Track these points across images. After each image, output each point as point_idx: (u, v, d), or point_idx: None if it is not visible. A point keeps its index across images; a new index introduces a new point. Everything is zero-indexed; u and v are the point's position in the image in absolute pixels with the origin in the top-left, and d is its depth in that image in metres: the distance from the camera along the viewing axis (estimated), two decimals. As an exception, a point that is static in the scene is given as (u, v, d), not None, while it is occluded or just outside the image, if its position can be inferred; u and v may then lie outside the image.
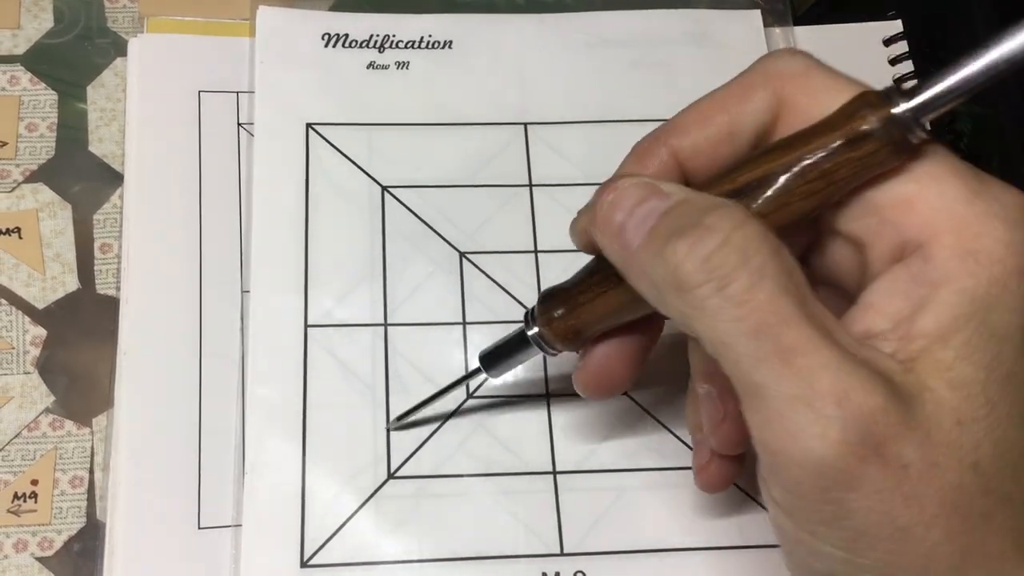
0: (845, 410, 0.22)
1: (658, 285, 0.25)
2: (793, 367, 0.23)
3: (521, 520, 0.35)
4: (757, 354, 0.23)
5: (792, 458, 0.23)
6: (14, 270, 0.39)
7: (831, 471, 0.22)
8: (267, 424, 0.36)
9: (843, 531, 0.23)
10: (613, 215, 0.26)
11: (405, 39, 0.43)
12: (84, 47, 0.43)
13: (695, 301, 0.24)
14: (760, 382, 0.23)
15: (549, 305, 0.31)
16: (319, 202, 0.40)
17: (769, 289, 0.23)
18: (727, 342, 0.23)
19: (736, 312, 0.23)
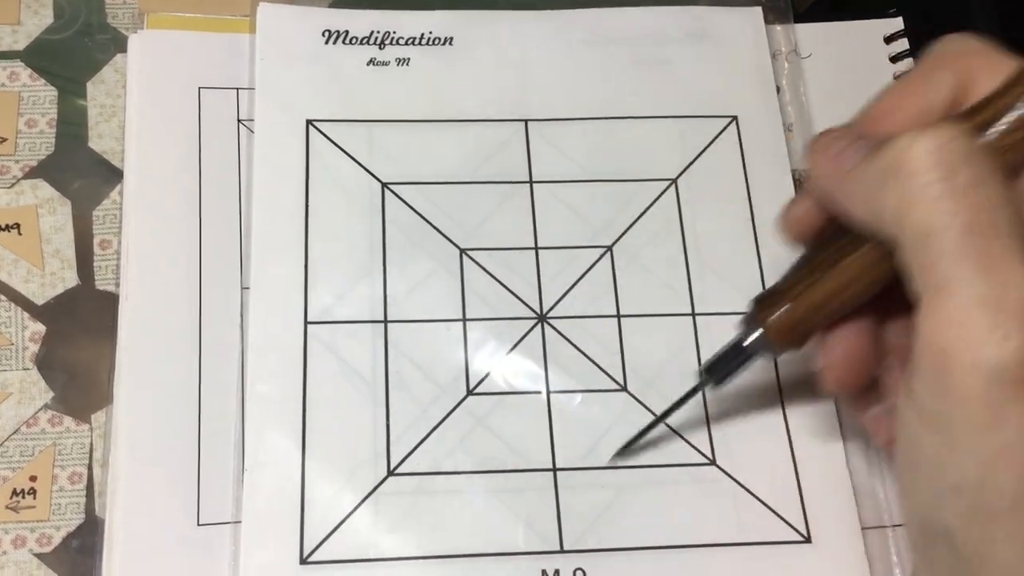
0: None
1: (879, 183, 0.25)
2: (993, 271, 0.23)
3: (521, 517, 0.35)
4: (962, 250, 0.23)
5: (964, 359, 0.23)
6: (13, 266, 0.39)
7: (1003, 376, 0.23)
8: (267, 421, 0.36)
9: (990, 443, 0.23)
10: (832, 144, 0.28)
11: (406, 36, 0.43)
12: (84, 43, 0.43)
13: (917, 187, 0.24)
14: (954, 278, 0.24)
15: (766, 304, 0.31)
16: (319, 199, 0.40)
17: (989, 193, 0.24)
18: (936, 233, 0.24)
19: (955, 205, 0.24)
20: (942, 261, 0.24)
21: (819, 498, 0.36)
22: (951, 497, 0.25)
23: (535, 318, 0.39)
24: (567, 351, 0.38)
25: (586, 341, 0.38)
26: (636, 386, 0.38)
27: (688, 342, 0.39)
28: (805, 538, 0.36)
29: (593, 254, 0.40)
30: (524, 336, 0.38)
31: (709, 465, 0.37)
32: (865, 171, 0.26)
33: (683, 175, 0.41)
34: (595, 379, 0.38)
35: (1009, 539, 0.24)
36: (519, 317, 0.39)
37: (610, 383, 0.38)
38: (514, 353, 0.38)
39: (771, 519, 0.36)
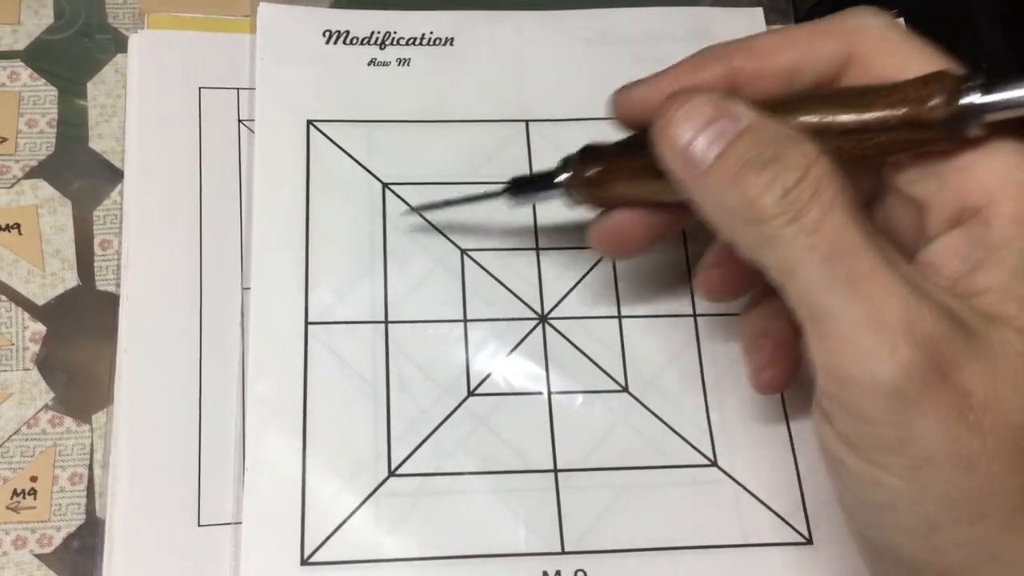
0: (913, 334, 0.23)
1: (730, 213, 0.25)
2: (862, 292, 0.23)
3: (522, 518, 0.35)
4: (827, 280, 0.24)
5: (859, 382, 0.23)
6: (14, 266, 0.39)
7: (899, 392, 0.23)
8: (267, 421, 0.36)
9: (908, 458, 0.23)
10: (681, 131, 0.26)
11: (406, 36, 0.43)
12: (84, 43, 0.43)
13: (769, 231, 0.24)
14: (829, 307, 0.24)
15: (586, 161, 0.32)
16: (320, 199, 0.40)
17: (839, 219, 0.24)
18: (798, 270, 0.24)
19: (809, 240, 0.24)
20: (812, 294, 0.24)
21: (821, 500, 0.36)
22: (889, 515, 0.25)
23: (536, 319, 0.39)
24: (568, 352, 0.38)
25: (587, 342, 0.38)
26: (637, 387, 0.38)
27: (689, 343, 0.39)
28: (807, 540, 0.36)
29: (594, 254, 0.40)
30: (525, 337, 0.38)
31: (710, 466, 0.37)
32: (720, 192, 0.26)
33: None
34: (596, 380, 0.38)
35: (956, 546, 0.24)
36: (520, 318, 0.39)
37: (611, 384, 0.38)
38: (515, 354, 0.38)
39: (772, 520, 0.36)
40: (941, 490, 0.23)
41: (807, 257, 0.24)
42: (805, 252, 0.24)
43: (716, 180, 0.26)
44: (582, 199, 0.33)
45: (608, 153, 0.32)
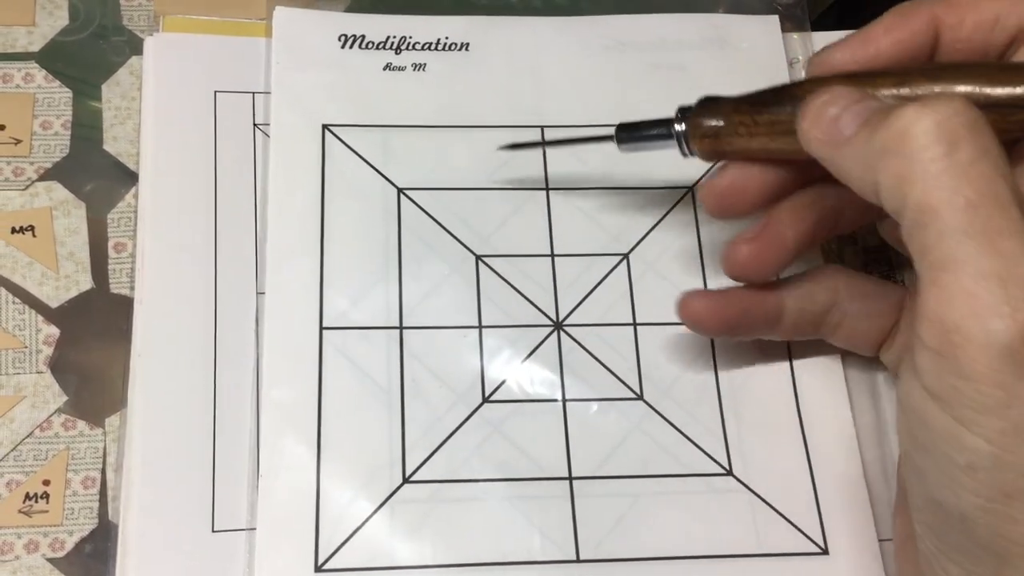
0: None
1: (876, 153, 0.25)
2: (998, 246, 0.23)
3: (537, 526, 0.35)
4: (966, 226, 0.23)
5: (972, 335, 0.23)
6: (28, 268, 0.39)
7: (1012, 352, 0.23)
8: (282, 427, 0.36)
9: (1002, 420, 0.23)
10: (827, 109, 0.27)
11: (422, 41, 0.43)
12: (99, 45, 0.43)
13: (918, 165, 0.24)
14: (958, 255, 0.23)
15: (706, 113, 0.32)
16: (335, 204, 0.40)
17: (990, 169, 0.24)
18: (938, 209, 0.24)
19: (956, 182, 0.23)
20: (945, 239, 0.24)
21: (836, 509, 0.36)
22: (965, 478, 0.24)
23: (551, 326, 0.38)
24: (583, 359, 0.38)
25: (602, 349, 0.38)
26: (652, 395, 0.38)
27: (704, 351, 0.38)
28: (822, 550, 0.36)
29: (609, 262, 0.40)
30: (540, 344, 0.38)
31: (726, 475, 0.36)
32: (865, 143, 0.26)
33: (700, 183, 0.41)
34: (611, 387, 0.38)
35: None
36: (535, 324, 0.38)
37: (626, 391, 0.38)
38: (530, 361, 0.38)
39: (788, 530, 0.36)
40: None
41: (952, 199, 0.23)
42: (951, 193, 0.23)
43: (863, 133, 0.26)
44: (697, 150, 0.33)
45: (729, 106, 0.32)
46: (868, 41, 0.32)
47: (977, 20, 0.30)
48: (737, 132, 0.32)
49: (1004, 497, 0.24)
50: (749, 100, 0.32)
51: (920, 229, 0.24)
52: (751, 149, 0.32)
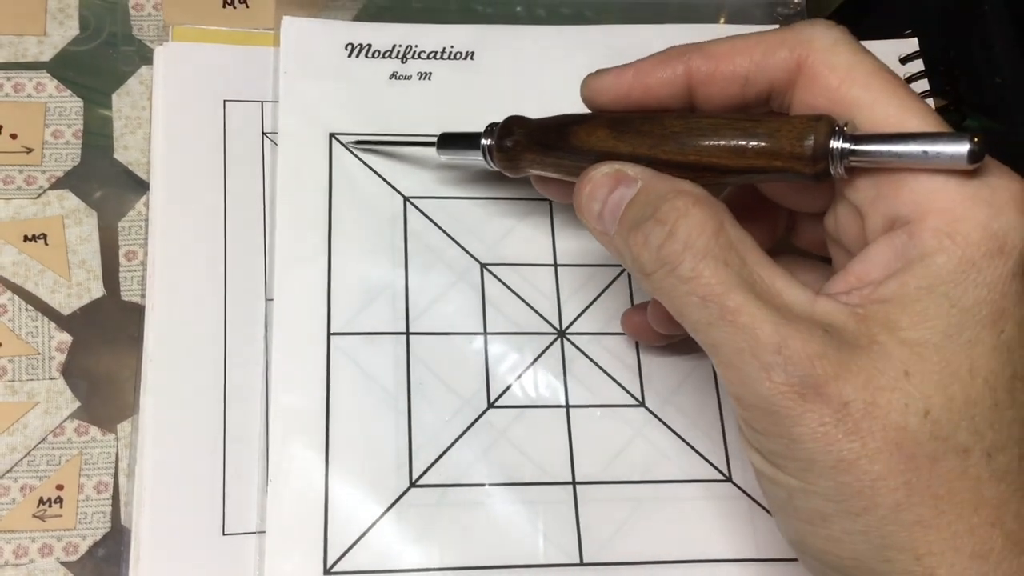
0: (784, 356, 0.26)
1: (631, 270, 0.30)
2: (737, 325, 0.26)
3: (541, 530, 0.36)
4: (707, 318, 0.27)
5: (747, 401, 0.27)
6: (40, 276, 0.40)
7: (777, 409, 0.26)
8: (291, 431, 0.36)
9: (796, 461, 0.26)
10: (592, 205, 0.31)
11: (427, 50, 0.44)
12: (109, 55, 0.43)
13: (655, 282, 0.28)
14: (714, 341, 0.27)
15: (506, 137, 0.36)
16: (342, 211, 0.40)
17: (711, 266, 0.27)
18: (683, 312, 0.28)
19: (686, 287, 0.27)
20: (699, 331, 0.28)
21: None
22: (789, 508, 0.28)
23: (555, 334, 0.39)
24: (586, 366, 0.39)
25: (605, 357, 0.39)
26: (654, 402, 0.38)
27: (704, 359, 0.39)
28: (820, 553, 0.36)
29: (612, 271, 0.40)
30: (544, 351, 0.39)
31: (725, 481, 0.37)
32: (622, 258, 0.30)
33: None
34: (614, 394, 0.38)
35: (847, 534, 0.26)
36: (539, 332, 0.39)
37: (628, 398, 0.38)
38: (534, 367, 0.39)
39: (786, 534, 0.37)
40: (826, 487, 0.26)
41: (688, 301, 0.27)
42: (686, 297, 0.27)
43: (618, 241, 0.30)
44: (498, 164, 0.36)
45: (523, 136, 0.35)
46: (631, 72, 0.33)
47: (728, 76, 0.31)
48: (530, 162, 0.35)
49: (822, 521, 0.27)
50: (538, 136, 0.35)
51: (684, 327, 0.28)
52: (541, 169, 0.35)
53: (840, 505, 0.26)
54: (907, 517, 0.25)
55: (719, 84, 0.31)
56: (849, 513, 0.26)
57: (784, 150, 0.28)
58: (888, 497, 0.25)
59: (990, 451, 0.25)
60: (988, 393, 0.25)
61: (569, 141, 0.33)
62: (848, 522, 0.26)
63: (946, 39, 0.46)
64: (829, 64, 0.29)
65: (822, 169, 0.28)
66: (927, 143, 0.26)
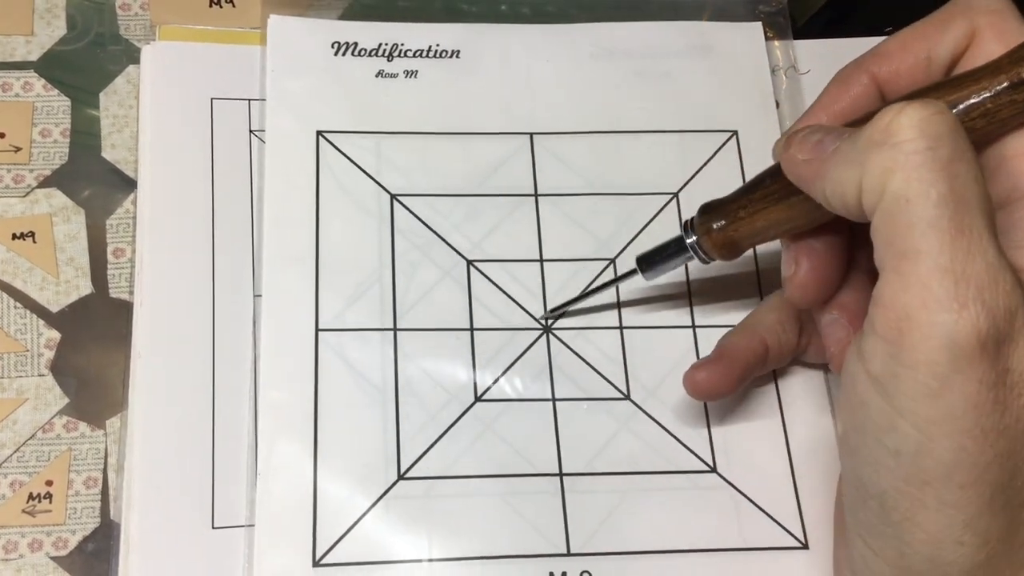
0: (987, 297, 0.24)
1: (861, 151, 0.26)
2: (959, 243, 0.24)
3: (528, 521, 0.36)
4: (934, 220, 0.24)
5: (920, 325, 0.24)
6: (28, 274, 0.40)
7: (953, 346, 0.24)
8: (279, 426, 0.37)
9: (931, 410, 0.25)
10: (811, 135, 0.29)
11: (413, 48, 0.44)
12: (97, 54, 0.44)
13: (902, 155, 0.25)
14: (922, 246, 0.24)
15: (709, 216, 0.34)
16: (329, 208, 0.40)
17: (966, 168, 0.25)
18: (912, 200, 0.25)
19: (934, 175, 0.24)
20: (912, 229, 0.25)
21: (816, 506, 0.37)
22: (890, 460, 0.26)
23: (540, 329, 0.40)
24: (572, 360, 0.39)
25: (590, 351, 0.39)
26: (639, 395, 0.39)
27: (688, 353, 0.40)
28: (803, 544, 0.37)
29: (596, 266, 0.41)
30: (530, 346, 0.39)
31: (710, 472, 0.38)
32: (850, 147, 0.27)
33: (684, 189, 0.42)
34: (599, 388, 0.39)
35: (938, 507, 0.25)
36: (525, 328, 0.40)
37: (614, 392, 0.39)
38: (520, 362, 0.39)
39: (770, 525, 0.37)
40: (947, 448, 0.25)
41: (926, 191, 0.24)
42: (925, 185, 0.25)
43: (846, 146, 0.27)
44: (716, 253, 0.35)
45: (727, 202, 0.34)
46: (820, 108, 0.33)
47: (911, 64, 0.32)
48: (739, 216, 0.33)
49: (921, 483, 0.25)
50: (741, 190, 0.34)
51: (890, 219, 0.25)
52: (757, 229, 0.33)
53: (949, 471, 0.25)
54: (999, 501, 0.25)
55: (905, 77, 0.32)
56: (954, 484, 0.25)
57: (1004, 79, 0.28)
58: (996, 477, 0.25)
59: None
60: None
61: (772, 170, 0.32)
62: (947, 491, 0.25)
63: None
64: (997, 29, 0.30)
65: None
66: None
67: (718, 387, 0.36)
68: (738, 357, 0.35)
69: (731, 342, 0.36)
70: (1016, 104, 0.28)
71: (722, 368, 0.35)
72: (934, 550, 0.26)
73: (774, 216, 0.32)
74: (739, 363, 0.33)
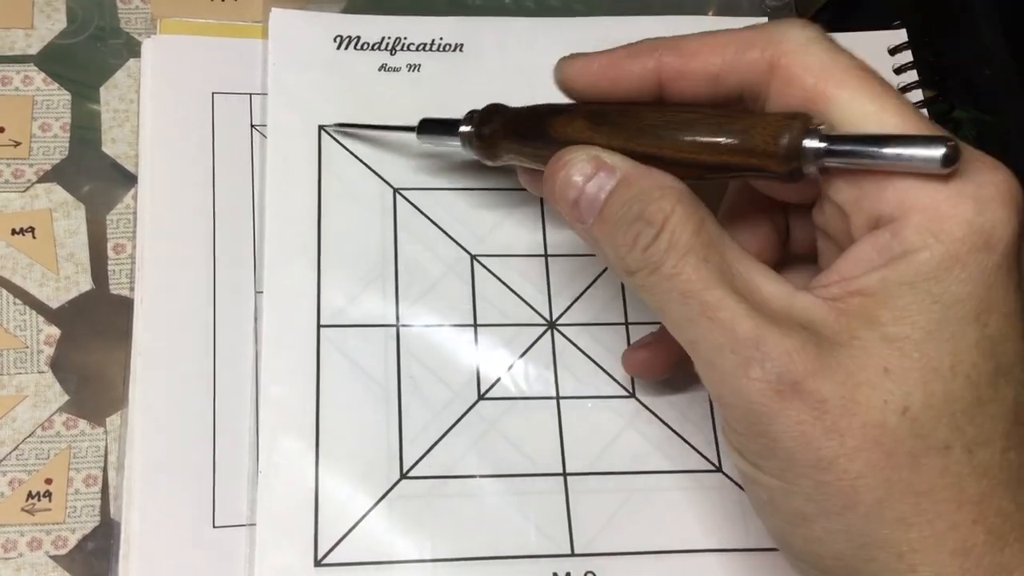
0: (761, 351, 0.26)
1: (610, 263, 0.30)
2: (716, 321, 0.26)
3: (532, 521, 0.36)
4: (687, 314, 0.27)
5: (725, 399, 0.27)
6: (28, 270, 0.39)
7: (755, 407, 0.26)
8: (281, 424, 0.36)
9: (776, 460, 0.26)
10: (567, 192, 0.30)
11: (416, 42, 0.44)
12: (97, 48, 0.43)
13: (638, 280, 0.28)
14: (693, 337, 0.27)
15: (485, 125, 0.36)
16: (331, 203, 0.40)
17: (692, 264, 0.27)
18: (664, 308, 0.28)
19: (667, 284, 0.27)
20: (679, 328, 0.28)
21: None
22: (770, 509, 0.28)
23: (545, 325, 0.39)
24: (577, 357, 0.39)
25: (595, 348, 0.39)
26: (644, 393, 0.38)
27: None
28: (810, 543, 0.36)
29: (602, 263, 0.40)
30: (534, 342, 0.39)
31: (715, 472, 0.37)
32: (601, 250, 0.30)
33: None
34: (604, 385, 0.38)
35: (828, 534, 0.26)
36: (529, 324, 0.39)
37: (619, 389, 0.38)
38: (524, 359, 0.39)
39: (777, 524, 0.37)
40: (806, 486, 0.26)
41: (670, 298, 0.27)
42: (667, 294, 0.28)
43: (598, 234, 0.30)
44: (476, 152, 0.36)
45: (500, 125, 0.35)
46: (603, 59, 0.33)
47: (699, 73, 0.30)
48: (508, 151, 0.35)
49: (802, 521, 0.27)
50: (515, 125, 0.34)
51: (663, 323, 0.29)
52: (519, 158, 0.35)
53: (821, 504, 0.26)
54: (888, 515, 0.25)
55: (689, 81, 0.31)
56: (830, 512, 0.26)
57: (758, 147, 0.27)
58: (868, 495, 0.25)
59: (971, 447, 0.25)
60: (970, 389, 0.25)
61: (546, 131, 0.33)
62: (829, 521, 0.26)
63: (935, 30, 0.46)
64: (803, 64, 0.28)
65: (795, 168, 0.27)
66: (901, 146, 0.26)
67: (652, 369, 0.37)
68: (674, 343, 0.36)
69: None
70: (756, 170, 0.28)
71: (660, 351, 0.37)
72: (850, 572, 0.27)
73: (537, 164, 0.33)
74: (675, 348, 0.34)
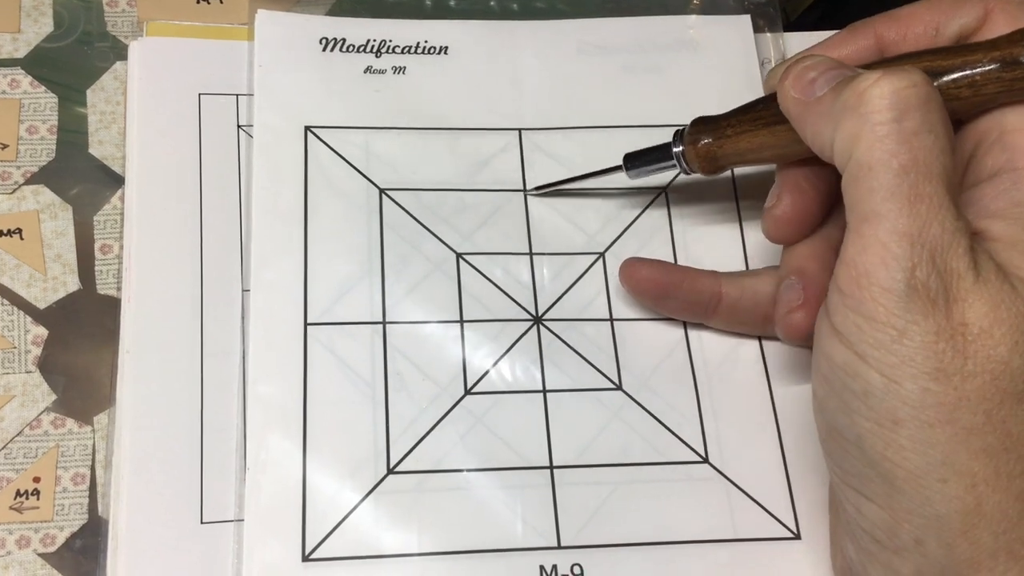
0: (939, 262, 0.26)
1: (837, 111, 0.28)
2: (917, 209, 0.26)
3: (519, 514, 0.36)
4: (894, 187, 0.27)
5: (878, 281, 0.27)
6: (16, 271, 0.40)
7: (906, 301, 0.26)
8: (268, 421, 0.36)
9: (893, 356, 0.27)
10: (807, 73, 0.30)
11: (401, 44, 0.44)
12: (84, 51, 0.44)
13: (868, 124, 0.27)
14: (881, 211, 0.27)
15: (699, 129, 0.36)
16: (318, 203, 0.40)
17: (931, 142, 0.27)
18: (875, 168, 0.27)
19: (897, 146, 0.27)
20: (874, 195, 0.27)
21: (808, 496, 0.37)
22: (860, 403, 0.28)
23: (531, 320, 0.39)
24: (563, 351, 0.39)
25: (581, 342, 0.39)
26: (631, 385, 0.39)
27: (679, 344, 0.39)
28: (795, 534, 0.37)
29: (586, 260, 0.41)
30: (520, 337, 0.39)
31: (702, 463, 0.37)
32: (831, 103, 0.29)
33: (672, 185, 0.42)
34: (590, 378, 0.39)
35: (911, 445, 0.27)
36: (515, 319, 0.39)
37: (605, 382, 0.39)
38: (511, 354, 0.39)
39: (762, 516, 0.37)
40: (912, 389, 0.27)
41: (889, 160, 0.27)
42: (888, 156, 0.27)
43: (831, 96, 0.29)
44: (696, 166, 0.37)
45: (717, 119, 0.36)
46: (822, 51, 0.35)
47: (918, 31, 0.33)
48: (726, 134, 0.35)
49: (892, 423, 0.27)
50: (733, 112, 0.36)
51: (855, 183, 0.27)
52: (740, 150, 0.35)
53: (917, 412, 0.26)
54: (976, 443, 0.26)
55: (910, 43, 0.33)
56: (923, 422, 0.26)
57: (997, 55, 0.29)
58: (967, 419, 0.26)
59: None
60: None
61: (766, 99, 0.34)
62: (919, 431, 0.27)
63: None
64: (1008, 12, 0.31)
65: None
66: None
67: (653, 288, 0.38)
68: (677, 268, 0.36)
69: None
70: (1003, 82, 0.29)
71: (665, 271, 0.38)
72: (918, 488, 0.27)
73: (759, 140, 0.34)
74: (678, 271, 0.34)
